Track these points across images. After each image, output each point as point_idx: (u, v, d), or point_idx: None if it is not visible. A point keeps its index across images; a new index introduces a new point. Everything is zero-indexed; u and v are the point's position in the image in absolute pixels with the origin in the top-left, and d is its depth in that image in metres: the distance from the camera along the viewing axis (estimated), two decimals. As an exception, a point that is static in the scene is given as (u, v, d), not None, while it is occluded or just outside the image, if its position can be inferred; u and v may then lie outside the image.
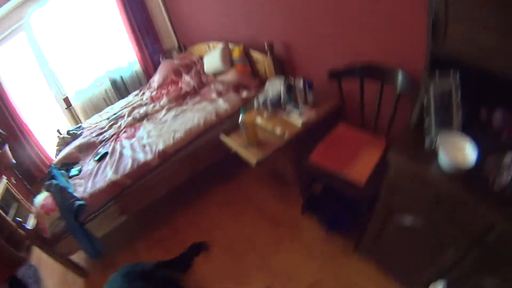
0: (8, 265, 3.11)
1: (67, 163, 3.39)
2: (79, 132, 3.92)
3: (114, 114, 4.03)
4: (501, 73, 1.32)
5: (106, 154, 3.25)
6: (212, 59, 3.99)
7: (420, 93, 1.73)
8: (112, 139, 3.49)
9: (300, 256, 2.63)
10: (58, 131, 4.13)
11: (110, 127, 3.76)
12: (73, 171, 3.20)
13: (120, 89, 5.09)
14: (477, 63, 1.40)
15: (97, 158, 3.23)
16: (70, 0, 4.48)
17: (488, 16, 1.27)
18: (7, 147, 4.05)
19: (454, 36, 1.44)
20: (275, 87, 3.02)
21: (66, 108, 4.78)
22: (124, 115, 3.89)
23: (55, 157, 3.68)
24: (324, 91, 2.86)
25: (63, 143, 3.84)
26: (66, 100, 4.74)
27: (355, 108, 2.68)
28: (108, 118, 3.97)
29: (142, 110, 3.85)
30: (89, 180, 2.96)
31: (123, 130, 3.58)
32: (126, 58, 5.12)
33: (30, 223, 3.40)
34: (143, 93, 4.44)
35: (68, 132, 3.97)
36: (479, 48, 1.36)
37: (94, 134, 3.70)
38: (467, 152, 1.54)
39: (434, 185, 1.56)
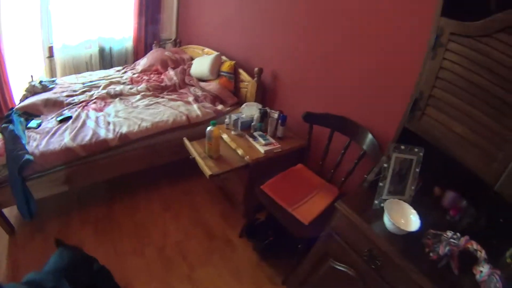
0: None
1: (29, 113, 3.33)
2: (50, 86, 3.86)
3: (91, 82, 4.02)
4: (460, 160, 1.53)
5: (69, 117, 3.22)
6: (201, 64, 4.09)
7: (382, 158, 1.89)
8: (80, 105, 3.47)
9: (227, 276, 2.70)
10: (31, 76, 4.05)
11: (82, 93, 3.73)
12: (32, 123, 3.15)
13: (106, 59, 5.08)
14: (443, 146, 1.60)
15: (59, 118, 3.19)
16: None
17: (464, 108, 1.47)
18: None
19: (430, 117, 1.64)
20: (250, 110, 3.18)
21: (47, 57, 4.71)
22: (100, 86, 3.88)
23: (19, 102, 3.61)
24: (295, 130, 3.08)
25: (32, 91, 3.75)
26: (51, 50, 4.66)
27: (318, 155, 2.87)
28: (83, 83, 3.95)
29: (118, 88, 3.85)
30: (44, 138, 2.90)
31: (93, 101, 3.57)
32: (122, 31, 5.12)
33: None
34: (125, 72, 4.46)
35: (40, 82, 3.89)
36: (448, 133, 1.56)
37: (64, 94, 3.65)
38: (410, 219, 1.70)
39: (372, 240, 1.70)
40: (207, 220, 3.22)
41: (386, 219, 1.69)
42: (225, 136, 2.98)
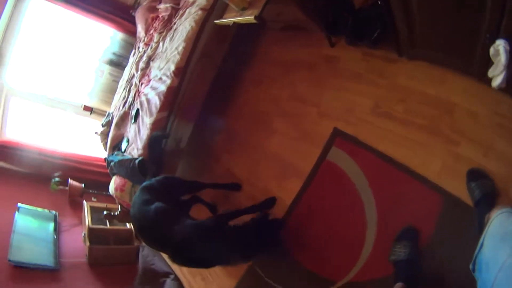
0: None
1: (116, 145, 3.45)
2: (111, 118, 3.94)
3: (126, 81, 4.00)
4: None
5: (138, 111, 3.20)
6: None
7: None
8: (135, 97, 3.45)
9: (349, 86, 2.51)
10: (95, 132, 4.20)
11: (129, 91, 3.73)
12: (123, 144, 3.24)
13: (120, 62, 5.02)
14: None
15: (133, 120, 3.21)
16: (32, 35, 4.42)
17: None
18: (70, 180, 4.21)
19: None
20: None
21: (90, 114, 4.82)
22: (134, 74, 3.84)
23: (106, 150, 3.74)
24: None
25: (105, 136, 3.90)
26: (86, 108, 4.78)
27: None
28: (124, 88, 3.95)
29: (144, 58, 3.75)
30: (137, 140, 2.97)
31: (140, 84, 3.50)
32: (105, 37, 5.02)
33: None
34: (138, 47, 4.31)
35: (102, 125, 4.04)
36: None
37: (120, 107, 3.70)
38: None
39: None
40: (297, 58, 3.00)
41: None
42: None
